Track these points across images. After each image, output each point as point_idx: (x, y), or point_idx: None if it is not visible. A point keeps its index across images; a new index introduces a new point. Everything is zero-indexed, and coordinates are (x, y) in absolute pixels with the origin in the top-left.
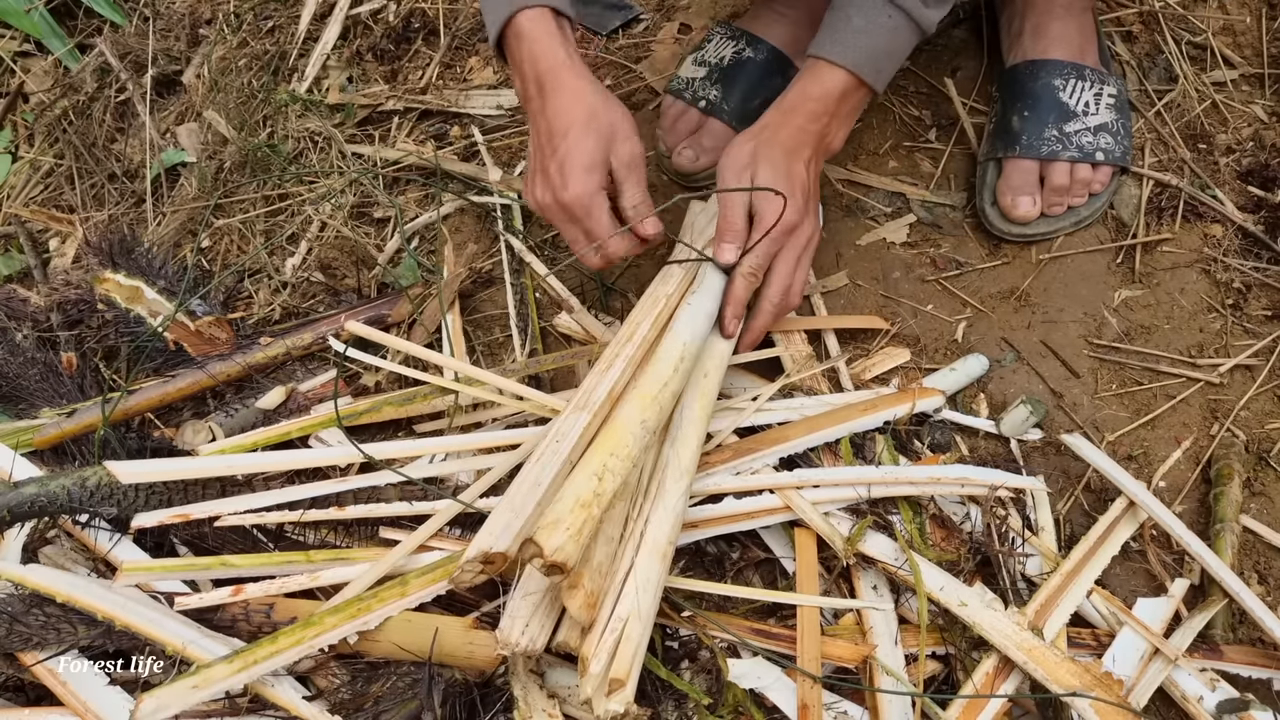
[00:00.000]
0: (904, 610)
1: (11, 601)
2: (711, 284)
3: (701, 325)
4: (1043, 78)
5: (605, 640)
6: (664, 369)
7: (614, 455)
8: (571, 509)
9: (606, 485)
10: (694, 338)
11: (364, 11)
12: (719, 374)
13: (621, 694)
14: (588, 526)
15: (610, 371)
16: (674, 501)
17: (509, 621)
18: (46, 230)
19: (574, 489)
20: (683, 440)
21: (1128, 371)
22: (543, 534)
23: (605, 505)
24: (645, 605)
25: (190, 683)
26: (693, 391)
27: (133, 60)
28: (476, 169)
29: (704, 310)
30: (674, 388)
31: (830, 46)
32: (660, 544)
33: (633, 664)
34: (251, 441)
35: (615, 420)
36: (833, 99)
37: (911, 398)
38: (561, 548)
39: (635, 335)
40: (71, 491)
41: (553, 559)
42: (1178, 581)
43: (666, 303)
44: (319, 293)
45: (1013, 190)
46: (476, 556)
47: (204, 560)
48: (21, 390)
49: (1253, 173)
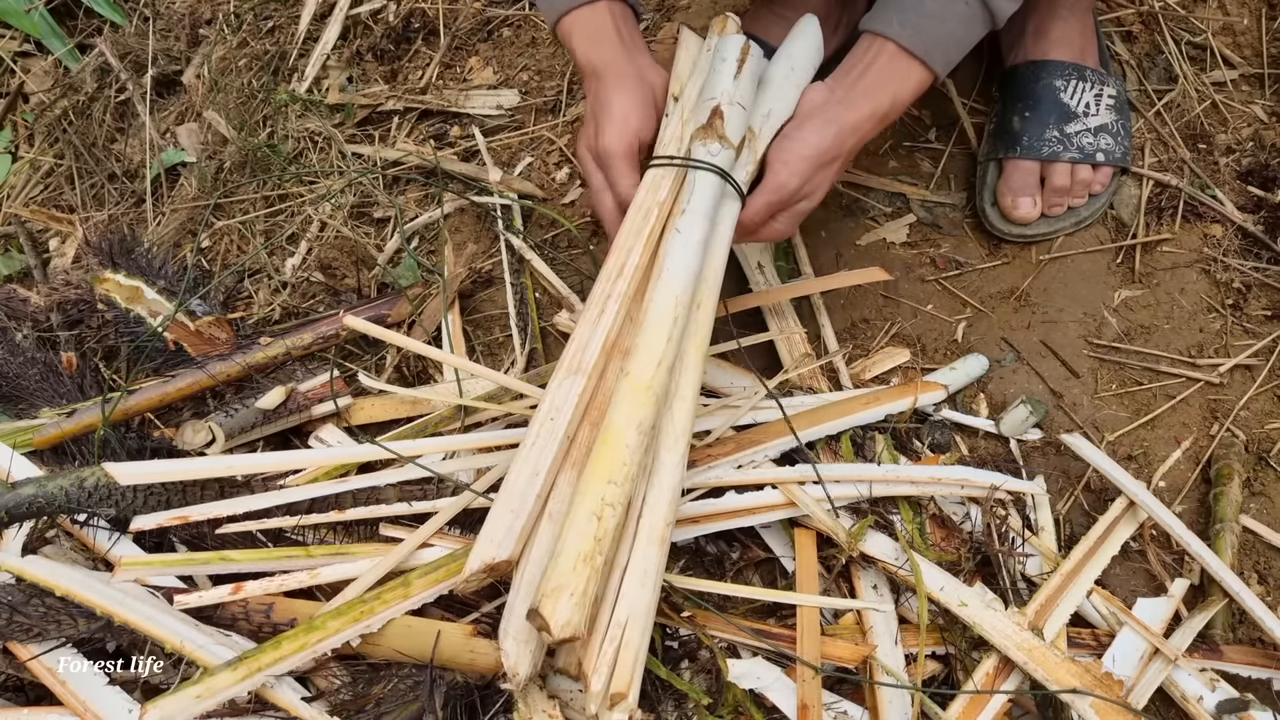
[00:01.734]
0: (904, 610)
1: (11, 592)
2: (703, 196)
3: (695, 261)
4: (1044, 78)
5: (605, 652)
6: (656, 340)
7: (611, 482)
8: (574, 567)
9: (608, 524)
10: (688, 282)
11: (364, 11)
12: (713, 301)
13: (624, 704)
14: (592, 585)
15: (603, 319)
16: (669, 475)
17: (514, 646)
18: (46, 230)
19: (573, 540)
20: (678, 401)
21: (1128, 371)
22: (547, 604)
23: (609, 547)
24: (644, 601)
25: (194, 692)
26: (685, 336)
27: (133, 60)
28: (476, 169)
29: (695, 239)
30: (670, 360)
31: (904, 34)
32: (658, 528)
33: (634, 672)
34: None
35: (608, 429)
36: (905, 94)
37: (914, 392)
38: (569, 621)
39: (626, 266)
40: (70, 492)
41: (561, 636)
42: (1178, 581)
43: (655, 223)
44: (319, 293)
45: (1013, 191)
46: (480, 569)
47: (202, 555)
48: (21, 390)
49: (1253, 173)
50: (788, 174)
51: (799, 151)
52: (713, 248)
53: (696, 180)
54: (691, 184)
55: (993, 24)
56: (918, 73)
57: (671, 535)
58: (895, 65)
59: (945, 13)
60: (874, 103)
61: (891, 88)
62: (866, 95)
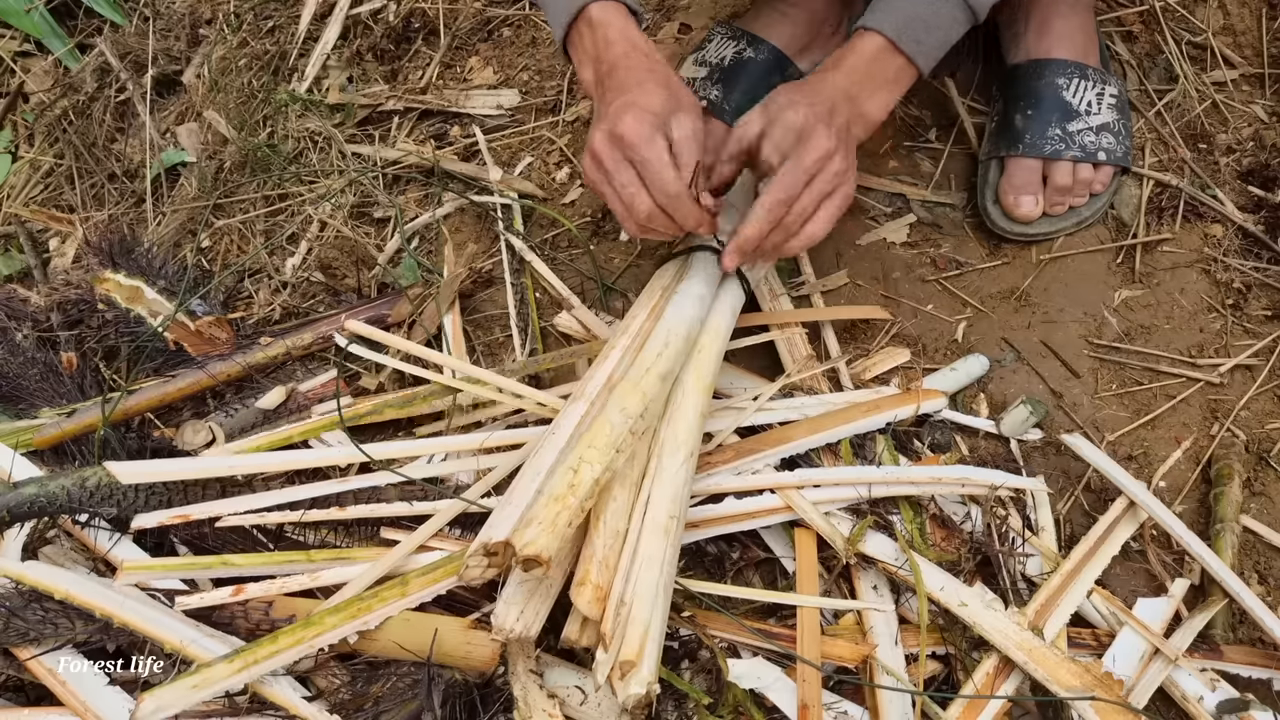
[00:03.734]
0: (904, 610)
1: (10, 596)
2: (701, 267)
3: (690, 308)
4: (1046, 76)
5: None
6: (647, 355)
7: (591, 446)
8: (545, 504)
9: (583, 476)
10: (680, 320)
11: (364, 11)
12: (715, 348)
13: (638, 674)
14: (563, 516)
15: (606, 363)
16: (672, 475)
17: (504, 607)
18: (46, 230)
19: (549, 487)
20: (679, 416)
21: (1128, 371)
22: (517, 534)
23: (585, 494)
24: (648, 582)
25: (190, 682)
26: (686, 368)
27: (133, 60)
28: (476, 169)
29: (693, 293)
30: (659, 369)
31: (869, 16)
32: (660, 519)
33: (643, 644)
34: (254, 445)
35: (598, 414)
36: (862, 58)
37: (915, 399)
38: (533, 540)
39: (631, 327)
40: (71, 492)
41: (525, 553)
42: (1178, 581)
43: (663, 294)
44: (319, 293)
45: (1015, 189)
46: (479, 549)
47: (204, 560)
48: (21, 390)
49: (1253, 173)
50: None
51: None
52: (714, 307)
53: (695, 257)
54: (691, 261)
55: (972, 15)
56: (875, 42)
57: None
58: (879, 57)
59: (928, 10)
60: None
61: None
62: (845, 73)
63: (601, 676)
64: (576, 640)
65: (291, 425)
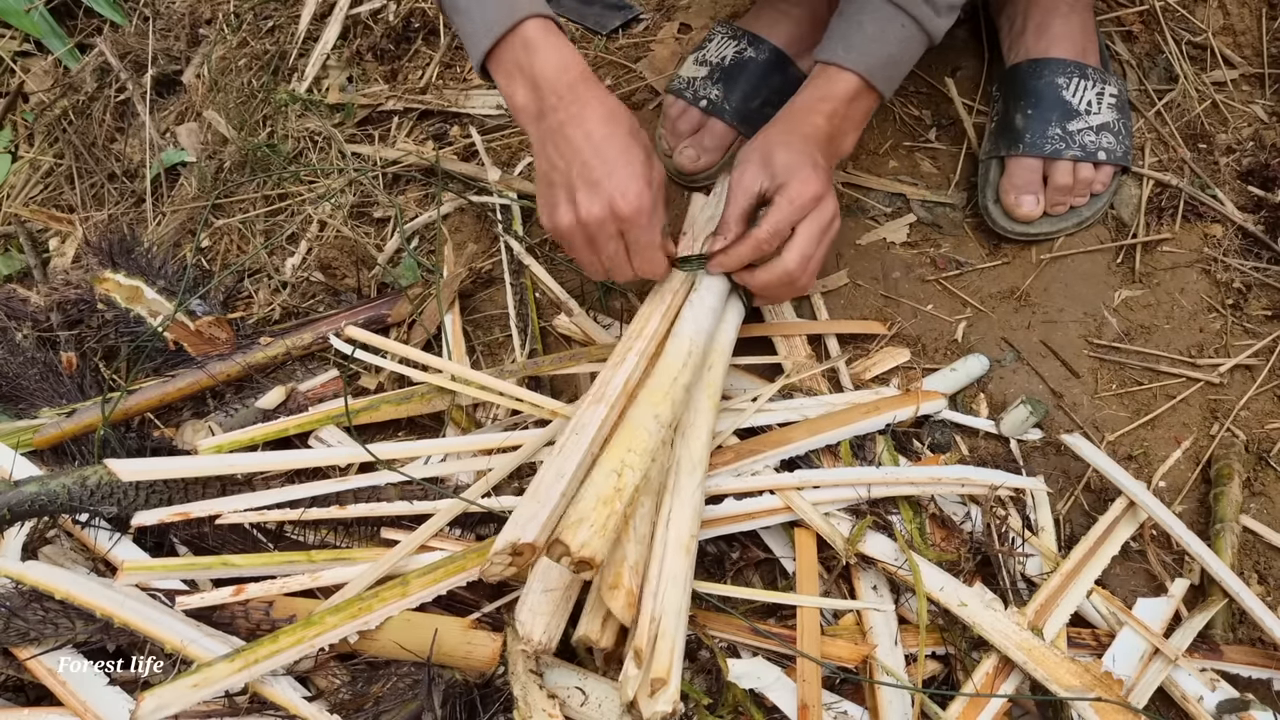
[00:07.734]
0: (904, 610)
1: (11, 596)
2: (714, 281)
3: (706, 320)
4: (1046, 76)
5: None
6: (673, 363)
7: (631, 450)
8: (594, 506)
9: (626, 480)
10: (699, 332)
11: (364, 11)
12: (723, 366)
13: (666, 692)
14: (612, 521)
15: (624, 366)
16: (689, 496)
17: (530, 617)
18: (46, 230)
19: (594, 488)
20: (693, 434)
21: (1128, 371)
22: (568, 532)
23: (628, 500)
24: (674, 600)
25: (190, 681)
26: (699, 385)
27: (133, 60)
28: (476, 169)
29: (707, 306)
30: (684, 380)
31: (843, 52)
32: (683, 539)
33: (672, 662)
34: (250, 437)
35: (629, 417)
36: (843, 102)
37: (915, 400)
38: (587, 543)
39: (645, 330)
40: (72, 490)
41: (580, 555)
42: (1178, 581)
43: (673, 299)
44: (319, 292)
45: (1016, 189)
46: (505, 548)
47: (204, 560)
48: (21, 390)
49: (1253, 173)
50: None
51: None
52: (722, 322)
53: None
54: (703, 276)
55: (930, 41)
56: (853, 83)
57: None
58: (858, 98)
59: (883, 34)
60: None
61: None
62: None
63: (631, 692)
64: (598, 639)
65: (289, 418)
